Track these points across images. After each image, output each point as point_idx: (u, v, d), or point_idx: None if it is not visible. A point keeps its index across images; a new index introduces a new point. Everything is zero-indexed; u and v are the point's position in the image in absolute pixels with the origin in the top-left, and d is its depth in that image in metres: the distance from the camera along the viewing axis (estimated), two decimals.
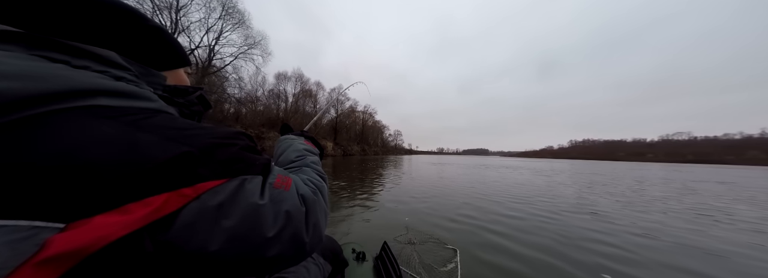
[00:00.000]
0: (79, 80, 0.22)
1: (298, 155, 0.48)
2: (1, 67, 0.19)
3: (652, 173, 16.82)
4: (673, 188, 7.50)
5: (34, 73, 0.20)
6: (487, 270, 1.83)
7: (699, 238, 2.79)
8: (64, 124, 0.19)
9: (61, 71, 0.22)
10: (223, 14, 21.81)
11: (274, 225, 0.27)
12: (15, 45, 0.23)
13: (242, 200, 0.25)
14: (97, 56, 0.27)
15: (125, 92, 0.25)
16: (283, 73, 42.41)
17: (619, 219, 3.43)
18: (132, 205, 0.18)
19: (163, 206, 0.20)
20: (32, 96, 0.18)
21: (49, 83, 0.20)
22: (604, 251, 2.25)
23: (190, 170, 0.22)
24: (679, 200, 5.29)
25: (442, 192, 5.25)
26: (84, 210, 0.17)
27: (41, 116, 0.18)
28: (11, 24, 0.24)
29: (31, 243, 0.15)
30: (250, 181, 0.27)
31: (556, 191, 6.00)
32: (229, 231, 0.23)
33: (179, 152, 0.22)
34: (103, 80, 0.24)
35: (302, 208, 0.31)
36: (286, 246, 0.27)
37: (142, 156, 0.20)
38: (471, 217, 3.33)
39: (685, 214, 4.00)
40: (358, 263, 1.21)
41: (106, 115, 0.21)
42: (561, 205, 4.24)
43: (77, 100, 0.21)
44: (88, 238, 0.16)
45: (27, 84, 0.19)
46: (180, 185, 0.21)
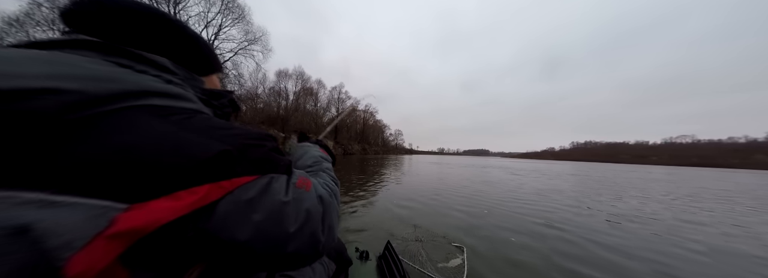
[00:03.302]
0: (140, 83, 0.26)
1: (314, 161, 0.52)
2: (83, 71, 0.23)
3: (695, 178, 15.22)
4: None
5: (108, 76, 0.24)
6: (494, 268, 1.82)
7: None
8: (128, 120, 0.22)
9: (127, 74, 0.27)
10: (223, 8, 21.35)
11: (296, 222, 0.29)
12: (93, 52, 0.28)
13: (269, 197, 0.28)
14: (154, 62, 0.31)
15: (173, 94, 0.29)
16: (284, 70, 42.33)
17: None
18: (181, 192, 0.22)
19: (205, 196, 0.23)
20: (107, 95, 0.22)
21: (119, 84, 0.24)
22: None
23: (228, 165, 0.25)
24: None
25: (444, 192, 5.08)
26: (143, 194, 0.20)
27: (112, 112, 0.22)
28: (90, 34, 0.30)
29: (103, 219, 0.18)
30: (276, 179, 0.30)
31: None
32: (258, 224, 0.26)
33: (220, 149, 0.25)
34: (157, 83, 0.28)
35: (320, 208, 0.33)
36: (304, 243, 0.29)
37: (189, 151, 0.23)
38: (472, 216, 3.21)
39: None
40: (361, 262, 1.21)
41: (158, 113, 0.25)
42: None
43: (137, 99, 0.25)
44: (147, 219, 0.19)
45: (103, 85, 0.23)
46: (219, 178, 0.24)
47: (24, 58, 0.22)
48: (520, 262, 1.92)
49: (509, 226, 2.84)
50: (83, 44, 0.28)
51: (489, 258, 1.98)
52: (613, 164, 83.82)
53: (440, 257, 1.93)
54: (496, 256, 2.01)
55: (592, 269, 1.85)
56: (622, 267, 1.92)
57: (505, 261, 1.92)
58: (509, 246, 2.22)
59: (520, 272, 1.78)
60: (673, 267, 1.96)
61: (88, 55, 0.27)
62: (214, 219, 0.24)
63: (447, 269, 1.76)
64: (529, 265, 1.88)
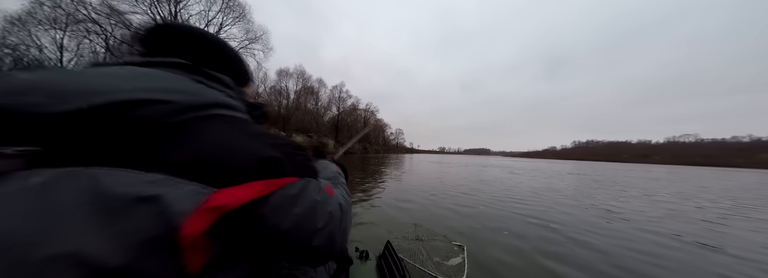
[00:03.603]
0: (212, 96, 0.34)
1: (333, 176, 0.59)
2: (178, 86, 0.31)
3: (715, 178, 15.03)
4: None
5: (192, 90, 0.32)
6: (494, 267, 1.83)
7: None
8: (206, 125, 0.30)
9: (203, 89, 0.34)
10: (223, 7, 21.27)
11: (322, 220, 0.35)
12: (181, 70, 0.36)
13: (307, 195, 0.34)
14: (220, 80, 0.40)
15: (233, 106, 0.37)
16: (285, 69, 42.20)
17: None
18: (249, 184, 0.29)
19: (263, 189, 0.30)
20: (192, 105, 0.30)
21: (199, 97, 0.31)
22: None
23: (279, 168, 0.32)
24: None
25: (443, 191, 5.15)
26: (224, 181, 0.27)
27: (196, 118, 0.30)
28: (179, 57, 0.38)
29: (199, 197, 0.25)
30: (311, 182, 0.37)
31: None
32: (296, 217, 0.32)
33: (274, 155, 0.32)
34: (223, 97, 0.36)
35: (339, 213, 0.39)
36: (324, 241, 0.35)
37: (253, 154, 0.30)
38: (476, 217, 3.24)
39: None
40: (361, 262, 1.22)
41: (225, 121, 0.33)
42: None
43: (211, 109, 0.32)
44: (227, 200, 0.26)
45: (190, 98, 0.30)
46: (273, 177, 0.31)
47: (134, 74, 0.30)
48: (515, 261, 1.92)
49: (503, 225, 2.86)
50: (174, 64, 0.36)
51: (488, 256, 1.99)
52: (615, 163, 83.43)
53: (441, 256, 1.94)
54: (494, 255, 2.01)
55: (574, 267, 1.87)
56: (600, 268, 1.94)
57: (504, 260, 1.92)
58: (509, 245, 2.23)
59: (518, 271, 1.78)
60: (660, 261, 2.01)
61: (177, 73, 0.34)
62: (267, 207, 0.30)
63: (447, 267, 1.76)
64: (523, 264, 1.88)
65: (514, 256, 2.02)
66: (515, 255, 2.03)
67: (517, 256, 2.02)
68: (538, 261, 1.96)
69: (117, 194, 0.22)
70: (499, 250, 2.12)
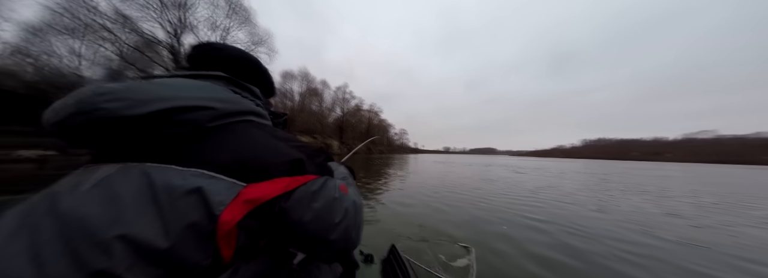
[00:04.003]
0: (246, 105, 0.40)
1: (343, 177, 0.63)
2: (220, 95, 0.37)
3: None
4: None
5: (230, 99, 0.38)
6: (503, 269, 1.81)
7: None
8: (241, 129, 0.36)
9: (238, 98, 0.40)
10: (229, 12, 21.77)
11: (339, 215, 0.38)
12: (221, 82, 0.43)
13: (326, 192, 0.38)
14: (251, 91, 0.47)
15: (261, 114, 0.44)
16: (289, 71, 42.66)
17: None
18: (277, 179, 0.33)
19: (289, 185, 0.34)
20: (230, 112, 0.36)
21: (235, 105, 0.38)
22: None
23: (302, 166, 0.36)
24: None
25: (446, 191, 5.07)
26: (256, 178, 0.32)
27: (233, 123, 0.36)
28: (219, 70, 0.45)
29: (234, 190, 0.30)
30: (330, 180, 0.41)
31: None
32: (316, 211, 0.35)
33: (298, 156, 0.37)
34: (253, 105, 0.43)
35: (354, 209, 0.42)
36: (340, 236, 0.37)
37: (281, 154, 0.36)
38: (482, 218, 3.19)
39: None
40: (366, 265, 1.22)
41: (257, 126, 0.39)
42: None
43: (244, 116, 0.39)
44: (258, 194, 0.31)
45: (228, 105, 0.36)
46: (297, 174, 0.36)
47: (186, 85, 0.35)
48: (523, 262, 1.88)
49: (506, 225, 2.82)
50: (215, 77, 0.43)
51: (495, 257, 1.95)
52: (625, 162, 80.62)
53: (447, 257, 1.92)
54: (502, 255, 1.98)
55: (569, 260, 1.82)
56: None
57: (512, 262, 1.89)
58: (516, 246, 2.19)
59: (528, 273, 1.74)
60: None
61: (218, 85, 0.40)
62: (292, 201, 0.34)
63: (455, 269, 1.74)
64: (532, 266, 1.84)
65: (522, 258, 1.98)
66: (524, 257, 1.99)
67: (525, 258, 1.98)
68: (547, 263, 1.92)
69: (165, 186, 0.27)
70: (506, 251, 2.08)
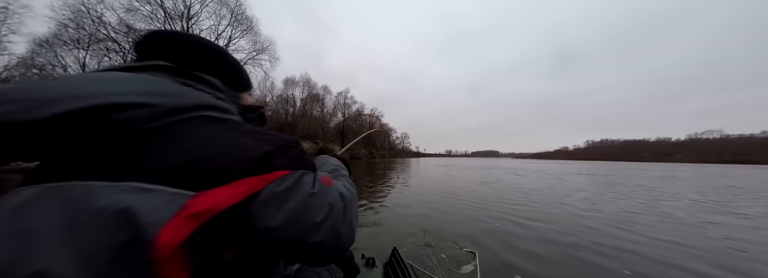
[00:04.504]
0: (199, 98, 0.33)
1: (333, 168, 0.57)
2: (162, 89, 0.30)
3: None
4: None
5: (177, 93, 0.31)
6: (507, 274, 1.77)
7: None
8: (192, 127, 0.29)
9: (190, 92, 0.33)
10: (232, 21, 22.24)
11: (321, 212, 0.32)
12: (165, 73, 0.35)
13: (301, 188, 0.32)
14: (208, 82, 0.39)
15: (223, 108, 0.36)
16: (291, 78, 43.24)
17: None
18: (236, 183, 0.27)
19: (253, 186, 0.28)
20: (177, 108, 0.29)
21: (184, 99, 0.31)
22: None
23: (270, 162, 0.31)
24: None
25: (448, 194, 5.03)
26: (207, 183, 0.25)
27: (181, 120, 0.29)
28: (163, 60, 0.37)
29: (177, 204, 0.23)
30: (306, 174, 0.35)
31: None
32: (290, 212, 0.30)
33: (265, 150, 0.31)
34: (211, 99, 0.36)
35: (341, 203, 0.36)
36: (327, 235, 0.32)
37: (241, 151, 0.29)
38: (488, 222, 3.15)
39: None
40: (368, 269, 1.20)
41: (215, 122, 0.32)
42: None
43: (198, 111, 0.31)
44: (213, 203, 0.25)
45: (172, 100, 0.29)
46: (264, 172, 0.30)
47: (111, 79, 0.28)
48: (531, 267, 1.86)
49: (496, 223, 2.77)
50: (157, 67, 0.35)
51: (501, 262, 1.93)
52: (633, 163, 79.66)
53: (452, 262, 1.90)
54: (507, 260, 1.96)
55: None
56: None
57: (519, 266, 1.87)
58: (523, 251, 2.16)
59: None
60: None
61: (161, 77, 0.33)
62: (257, 205, 0.28)
63: (459, 275, 1.72)
64: (539, 270, 1.82)
65: (529, 262, 1.95)
66: (531, 261, 1.97)
67: (532, 262, 1.96)
68: (555, 267, 1.89)
69: (86, 210, 0.21)
70: (511, 255, 2.06)
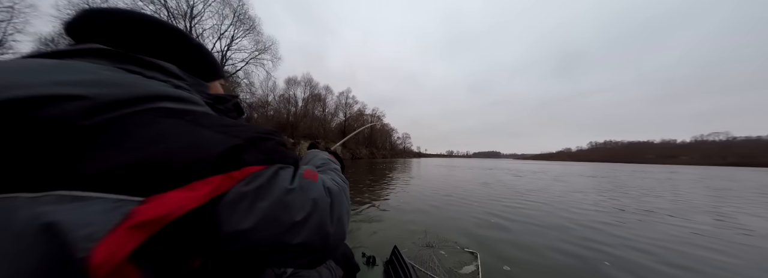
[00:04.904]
0: (151, 88, 0.28)
1: (323, 163, 0.53)
2: (98, 77, 0.25)
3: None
4: None
5: (119, 82, 0.26)
6: (508, 274, 1.77)
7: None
8: (143, 122, 0.24)
9: (137, 80, 0.28)
10: (235, 21, 22.36)
11: (302, 210, 0.29)
12: (104, 59, 0.29)
13: (276, 185, 0.28)
14: (162, 68, 0.33)
15: (183, 98, 0.30)
16: (293, 78, 43.33)
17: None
18: (197, 183, 0.23)
19: (219, 186, 0.24)
20: (120, 100, 0.24)
21: (130, 89, 0.25)
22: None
23: (238, 157, 0.26)
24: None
25: (448, 195, 5.00)
26: (160, 186, 0.21)
27: (127, 115, 0.24)
28: (101, 43, 0.31)
29: (119, 213, 0.19)
30: (284, 169, 0.31)
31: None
32: (264, 211, 0.26)
33: (232, 144, 0.26)
34: (167, 88, 0.30)
35: (328, 199, 0.33)
36: (312, 235, 0.29)
37: (202, 146, 0.25)
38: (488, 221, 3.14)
39: None
40: (368, 267, 1.21)
41: (171, 115, 0.27)
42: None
43: (150, 103, 0.26)
44: (166, 209, 0.21)
45: (113, 90, 0.24)
46: (231, 169, 0.25)
47: (32, 67, 0.23)
48: (532, 267, 1.85)
49: (520, 231, 2.76)
50: (93, 52, 0.29)
51: (502, 262, 1.92)
52: (637, 165, 78.80)
53: (453, 263, 1.90)
54: (509, 260, 1.94)
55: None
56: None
57: (520, 266, 1.85)
58: (523, 249, 2.15)
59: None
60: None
61: (98, 63, 0.27)
62: (222, 206, 0.24)
63: (460, 275, 1.72)
64: (542, 270, 1.81)
65: (530, 263, 1.94)
66: (531, 262, 1.95)
67: (533, 262, 1.94)
68: (557, 267, 1.87)
69: (6, 228, 0.17)
70: (512, 254, 2.04)
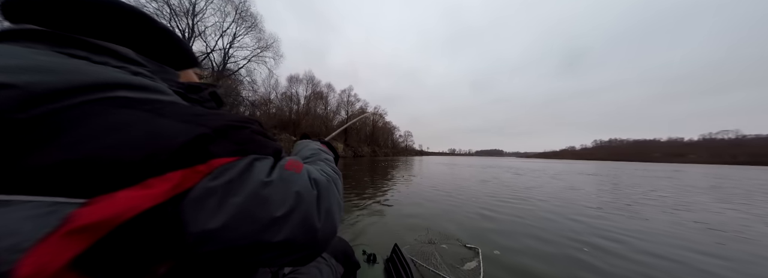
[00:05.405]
0: (100, 74, 0.24)
1: (312, 153, 0.49)
2: (30, 63, 0.21)
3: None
4: None
5: (59, 68, 0.22)
6: (511, 269, 1.79)
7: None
8: (92, 113, 0.21)
9: (83, 66, 0.24)
10: (237, 18, 22.33)
11: (283, 205, 0.26)
12: (41, 43, 0.25)
13: (250, 178, 0.25)
14: (115, 53, 0.29)
15: (143, 86, 0.26)
16: (295, 75, 43.39)
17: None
18: (153, 180, 0.20)
19: (182, 182, 0.21)
20: (59, 90, 0.20)
21: (73, 76, 0.22)
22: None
23: (204, 148, 0.23)
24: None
25: (450, 193, 4.97)
26: (106, 186, 0.18)
27: (75, 106, 0.20)
28: (38, 24, 0.26)
29: (54, 218, 0.16)
30: (260, 160, 0.28)
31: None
32: (236, 208, 0.23)
33: (196, 133, 0.23)
34: (122, 75, 0.26)
35: (313, 191, 0.30)
36: (296, 231, 0.26)
37: (160, 137, 0.22)
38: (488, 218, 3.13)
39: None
40: (369, 265, 1.20)
41: (127, 105, 0.23)
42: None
43: (100, 92, 0.22)
44: (113, 210, 0.18)
45: (50, 78, 0.20)
46: (195, 163, 0.22)
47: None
48: (534, 263, 1.84)
49: (525, 229, 2.76)
50: (28, 35, 0.26)
51: (504, 258, 1.93)
52: (642, 164, 77.63)
53: (455, 259, 1.92)
54: (511, 257, 1.95)
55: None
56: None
57: (522, 262, 1.86)
58: (525, 247, 2.15)
59: (538, 274, 1.70)
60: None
61: (33, 47, 0.24)
62: (187, 203, 0.22)
63: (462, 271, 1.73)
64: (542, 266, 1.80)
65: (532, 259, 1.94)
66: (534, 258, 1.95)
67: (535, 259, 1.94)
68: (558, 265, 1.87)
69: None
70: (515, 252, 2.05)
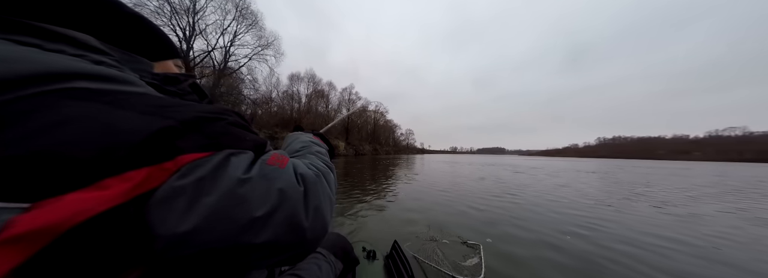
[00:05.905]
0: (55, 63, 0.21)
1: (303, 146, 0.46)
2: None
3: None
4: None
5: (4, 56, 0.19)
6: (512, 266, 1.80)
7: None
8: (37, 107, 0.18)
9: (33, 54, 0.21)
10: (237, 16, 22.25)
11: (264, 204, 0.24)
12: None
13: (225, 175, 0.23)
14: (73, 40, 0.26)
15: (106, 76, 0.23)
16: (296, 74, 43.35)
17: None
18: (109, 181, 0.18)
19: (145, 182, 0.19)
20: (4, 80, 0.18)
21: (21, 65, 0.19)
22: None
23: (171, 143, 0.21)
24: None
25: (450, 191, 4.96)
26: (53, 188, 0.16)
27: (14, 100, 0.18)
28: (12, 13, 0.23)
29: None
30: (237, 155, 0.25)
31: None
32: (210, 208, 0.21)
33: (160, 125, 0.21)
34: (80, 64, 0.23)
35: (300, 188, 0.28)
36: (280, 231, 0.24)
37: (119, 132, 0.19)
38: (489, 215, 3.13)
39: None
40: (368, 261, 1.20)
41: (84, 97, 0.20)
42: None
43: (52, 83, 0.19)
44: (60, 215, 0.16)
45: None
46: (161, 160, 0.20)
47: None
48: (534, 261, 1.84)
49: (522, 223, 2.74)
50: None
51: (505, 254, 1.94)
52: (646, 161, 77.00)
53: (456, 255, 1.92)
54: (511, 253, 1.96)
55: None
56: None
57: (522, 259, 1.86)
58: (526, 244, 2.15)
59: (535, 271, 1.70)
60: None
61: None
62: (152, 205, 0.19)
63: (464, 267, 1.74)
64: (541, 263, 1.81)
65: (531, 255, 1.94)
66: (533, 254, 1.95)
67: (536, 257, 1.94)
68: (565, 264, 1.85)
69: None
70: (516, 248, 2.05)
